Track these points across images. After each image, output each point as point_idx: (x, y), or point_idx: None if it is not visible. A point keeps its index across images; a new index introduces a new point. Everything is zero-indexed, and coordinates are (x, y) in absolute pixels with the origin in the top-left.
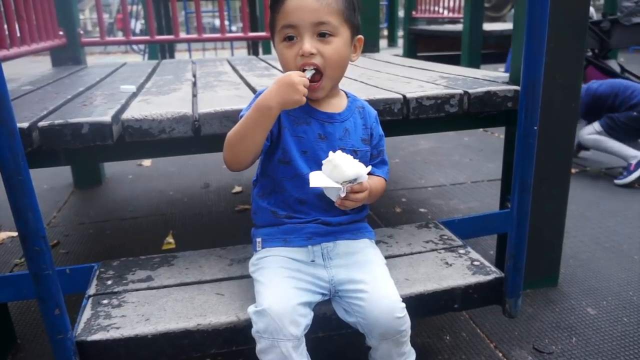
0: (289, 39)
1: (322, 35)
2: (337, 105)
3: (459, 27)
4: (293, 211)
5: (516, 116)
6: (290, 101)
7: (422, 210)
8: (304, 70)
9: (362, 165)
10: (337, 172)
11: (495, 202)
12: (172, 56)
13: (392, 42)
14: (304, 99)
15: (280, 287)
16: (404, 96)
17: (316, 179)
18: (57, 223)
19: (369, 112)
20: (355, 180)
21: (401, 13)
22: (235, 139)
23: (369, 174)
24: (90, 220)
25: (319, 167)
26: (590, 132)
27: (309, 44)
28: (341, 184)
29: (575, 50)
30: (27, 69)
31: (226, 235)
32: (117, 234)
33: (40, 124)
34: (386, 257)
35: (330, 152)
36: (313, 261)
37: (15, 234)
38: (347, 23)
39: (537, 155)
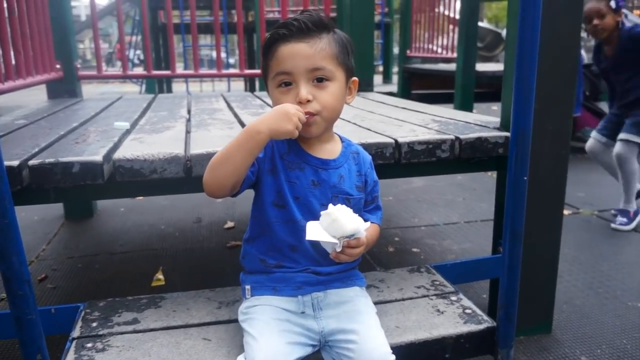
0: (285, 84)
1: (318, 81)
2: (331, 150)
3: (452, 66)
4: (283, 258)
5: (507, 161)
6: (281, 130)
7: (415, 250)
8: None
9: (361, 220)
10: (335, 226)
11: (489, 243)
12: (169, 87)
13: (386, 78)
14: (296, 132)
15: (272, 342)
16: (396, 140)
17: (313, 232)
18: (45, 256)
19: (364, 158)
20: (352, 235)
21: (396, 50)
22: (218, 160)
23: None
24: (80, 253)
25: (310, 214)
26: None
27: (305, 91)
28: (338, 238)
29: (564, 98)
30: (22, 97)
31: (216, 272)
32: (106, 268)
33: (31, 162)
34: (377, 303)
35: (330, 205)
36: (303, 312)
37: None
38: (341, 66)
39: (528, 201)
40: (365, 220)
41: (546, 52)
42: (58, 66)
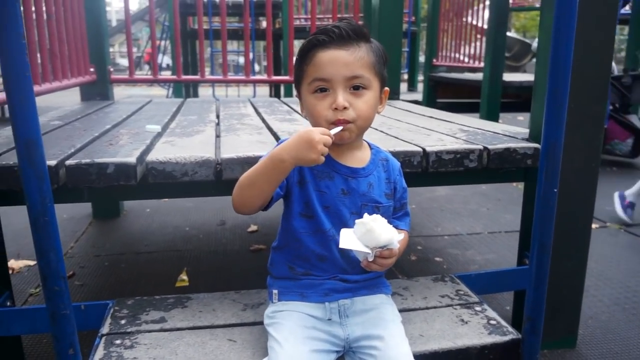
0: (321, 90)
1: (355, 89)
2: (360, 158)
3: (478, 75)
4: (311, 267)
5: (535, 173)
6: (305, 159)
7: (437, 259)
8: (333, 123)
9: (395, 231)
10: (369, 236)
11: (513, 254)
12: (195, 91)
13: (412, 86)
14: (322, 158)
15: (297, 350)
16: (424, 149)
17: (346, 240)
18: (73, 254)
19: (393, 165)
20: (385, 246)
21: (422, 58)
22: (245, 183)
23: None
24: (107, 252)
25: (340, 223)
26: None
27: (342, 98)
28: (371, 248)
29: (596, 112)
30: (56, 98)
31: (240, 275)
32: (132, 268)
33: (68, 162)
34: (401, 311)
35: (366, 214)
36: (330, 319)
37: (32, 262)
38: (377, 76)
39: (557, 214)
40: (395, 227)
41: (578, 64)
42: (92, 69)
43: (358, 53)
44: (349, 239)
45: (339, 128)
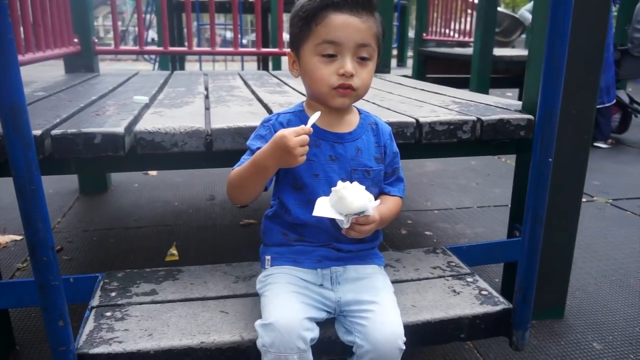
0: (329, 56)
1: (361, 59)
2: (348, 122)
3: (468, 50)
4: (305, 233)
5: (528, 145)
6: (287, 164)
7: (427, 233)
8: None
9: (370, 198)
10: (341, 203)
11: (502, 228)
12: (182, 66)
13: (401, 62)
14: (303, 158)
15: (288, 301)
16: (417, 120)
17: (320, 208)
18: (61, 229)
19: (383, 129)
20: (361, 212)
21: (411, 34)
22: (235, 184)
23: (383, 194)
24: (95, 227)
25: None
26: None
27: (350, 65)
28: (345, 215)
29: (590, 82)
30: (39, 72)
31: (230, 250)
32: (121, 242)
33: (53, 132)
34: (393, 282)
35: (339, 182)
36: (321, 285)
37: (19, 237)
38: (378, 48)
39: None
40: (387, 193)
41: (572, 33)
42: (76, 40)
43: (369, 22)
44: (323, 207)
45: (318, 113)
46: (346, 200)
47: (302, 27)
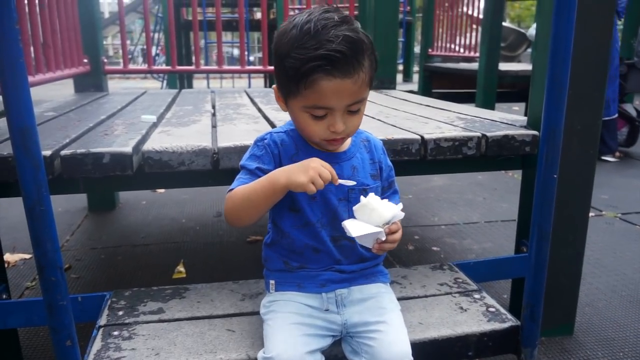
0: (319, 117)
1: (351, 112)
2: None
3: (474, 65)
4: (306, 261)
5: (533, 160)
6: (295, 180)
7: (435, 248)
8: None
9: (392, 204)
10: (375, 215)
11: (509, 243)
12: (190, 84)
13: (407, 77)
14: (312, 187)
15: (290, 334)
16: (422, 137)
17: (355, 228)
18: (69, 247)
19: (375, 145)
20: (391, 220)
21: (417, 49)
22: (241, 202)
23: None
24: (102, 245)
25: (329, 210)
26: None
27: (341, 124)
28: (382, 226)
29: (595, 98)
30: (49, 91)
31: (237, 266)
32: (129, 260)
33: (63, 152)
34: (400, 299)
35: (362, 197)
36: (327, 310)
37: (28, 256)
38: (371, 84)
39: (555, 201)
40: None
41: (576, 50)
42: (85, 60)
43: (360, 77)
44: (356, 227)
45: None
46: (379, 210)
47: (289, 84)
